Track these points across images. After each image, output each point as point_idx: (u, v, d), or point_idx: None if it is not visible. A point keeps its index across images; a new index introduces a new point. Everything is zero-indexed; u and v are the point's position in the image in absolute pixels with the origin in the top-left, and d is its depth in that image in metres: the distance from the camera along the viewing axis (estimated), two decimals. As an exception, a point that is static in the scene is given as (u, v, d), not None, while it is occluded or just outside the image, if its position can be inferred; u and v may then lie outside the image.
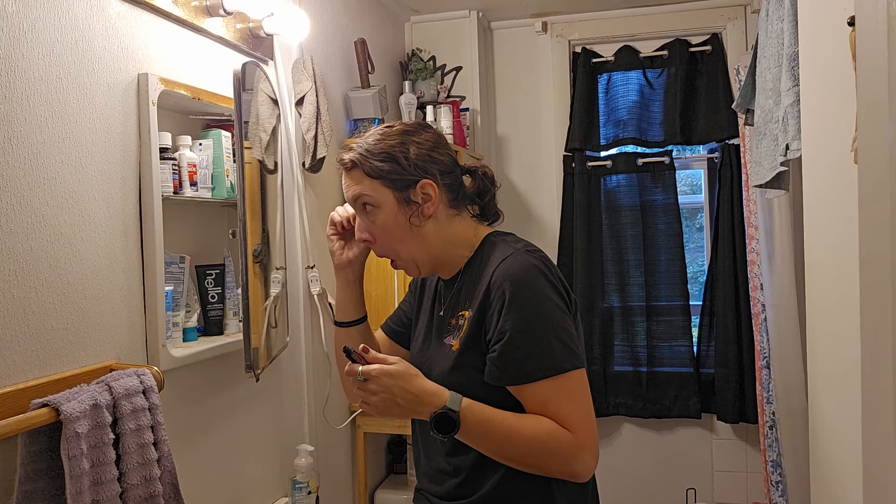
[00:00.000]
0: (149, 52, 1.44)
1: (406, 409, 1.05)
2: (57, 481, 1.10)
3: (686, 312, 3.05)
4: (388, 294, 2.32)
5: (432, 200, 1.13)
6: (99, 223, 1.30)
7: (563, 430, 1.02)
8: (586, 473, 1.04)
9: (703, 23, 3.02)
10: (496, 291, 1.06)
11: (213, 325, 1.66)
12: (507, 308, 1.04)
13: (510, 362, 1.04)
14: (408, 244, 1.15)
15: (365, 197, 1.14)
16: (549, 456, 1.03)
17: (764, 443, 2.52)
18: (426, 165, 1.14)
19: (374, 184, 1.13)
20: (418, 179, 1.12)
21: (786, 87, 1.69)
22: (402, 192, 1.12)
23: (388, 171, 1.12)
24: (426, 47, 3.04)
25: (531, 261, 1.08)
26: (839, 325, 1.25)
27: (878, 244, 0.64)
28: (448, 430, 1.02)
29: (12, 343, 1.11)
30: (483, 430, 1.04)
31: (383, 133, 1.16)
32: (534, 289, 1.06)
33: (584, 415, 1.04)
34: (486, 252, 1.15)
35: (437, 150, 1.16)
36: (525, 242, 1.16)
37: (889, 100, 0.61)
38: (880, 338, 0.64)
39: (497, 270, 1.08)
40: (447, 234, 1.17)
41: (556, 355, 1.03)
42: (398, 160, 1.12)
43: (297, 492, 1.91)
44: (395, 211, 1.13)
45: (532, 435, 1.02)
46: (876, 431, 0.66)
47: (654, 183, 3.08)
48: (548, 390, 1.03)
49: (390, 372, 1.04)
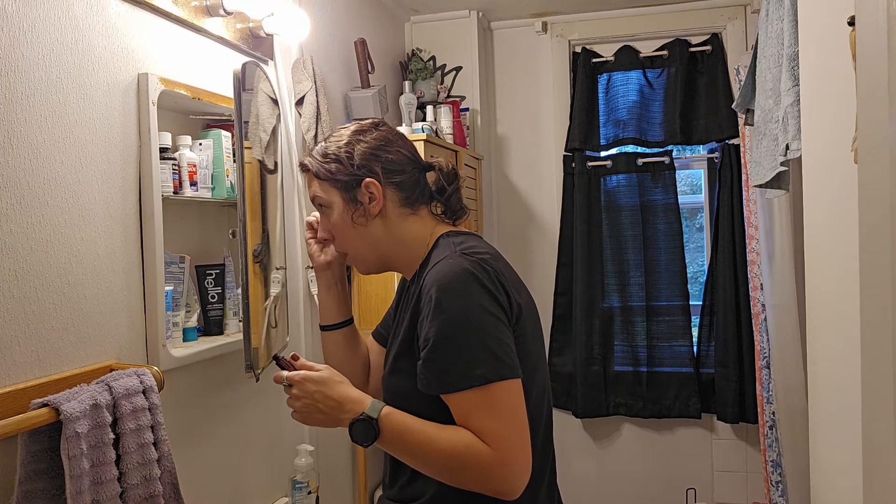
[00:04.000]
0: (149, 52, 1.44)
1: (328, 416, 1.04)
2: (57, 481, 1.10)
3: (686, 312, 3.05)
4: (388, 294, 2.32)
5: (377, 199, 1.14)
6: (99, 223, 1.30)
7: (482, 445, 0.97)
8: (510, 490, 0.98)
9: (703, 23, 3.02)
10: (426, 296, 1.03)
11: (213, 325, 1.66)
12: (433, 313, 1.00)
13: (433, 371, 1.00)
14: (354, 243, 1.18)
15: (318, 198, 1.18)
16: (464, 470, 0.98)
17: (764, 443, 2.52)
18: (370, 164, 1.14)
19: (323, 185, 1.17)
20: (362, 178, 1.14)
21: (786, 87, 1.69)
22: (347, 192, 1.15)
23: (334, 172, 1.15)
24: (426, 47, 3.04)
25: (464, 264, 1.03)
26: (839, 325, 1.25)
27: (878, 244, 0.64)
28: (366, 438, 1.01)
29: (12, 343, 1.11)
30: (401, 440, 1.01)
31: (337, 135, 1.19)
32: (460, 293, 1.00)
33: (508, 429, 0.97)
34: (433, 254, 1.12)
35: (385, 149, 1.16)
36: (471, 243, 1.11)
37: (889, 100, 0.61)
38: (880, 338, 0.64)
39: (429, 273, 1.05)
40: (398, 234, 1.16)
41: (480, 365, 0.98)
42: (342, 161, 1.14)
43: (297, 492, 1.91)
44: (343, 210, 1.16)
45: (448, 447, 0.98)
46: (876, 431, 0.66)
47: (654, 183, 3.08)
48: (470, 402, 0.98)
49: (313, 378, 1.05)
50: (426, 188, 1.20)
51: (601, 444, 3.19)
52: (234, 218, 1.56)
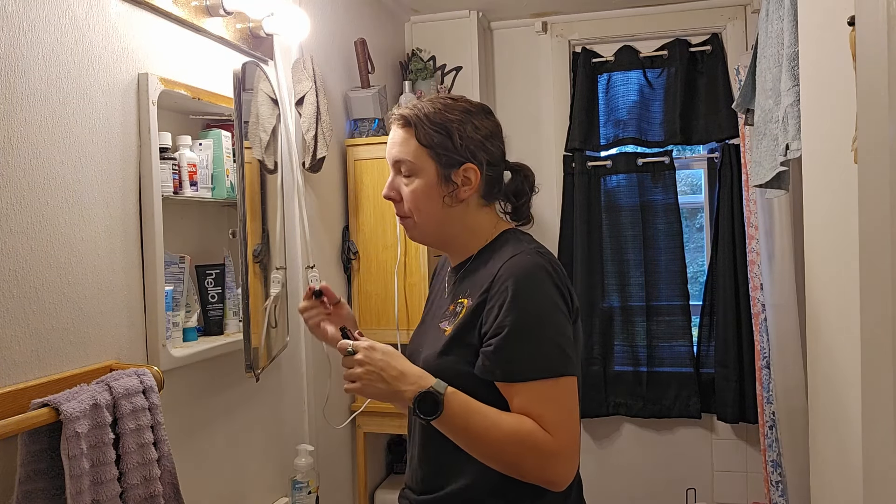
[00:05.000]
0: (149, 51, 1.44)
1: (389, 388, 1.03)
2: (57, 481, 1.10)
3: (686, 312, 3.05)
4: (388, 294, 2.32)
5: (471, 186, 1.13)
6: (99, 223, 1.30)
7: (544, 433, 1.00)
8: (561, 481, 1.02)
9: (703, 23, 3.02)
10: (500, 286, 1.05)
11: (213, 325, 1.66)
12: (510, 304, 1.03)
13: (504, 358, 1.03)
14: (431, 217, 1.14)
15: (408, 163, 1.13)
16: (525, 455, 1.00)
17: (764, 443, 2.52)
18: (476, 151, 1.13)
19: (420, 151, 1.12)
20: (464, 162, 1.12)
21: (786, 87, 1.69)
22: (445, 168, 1.12)
23: (439, 144, 1.11)
24: (426, 47, 3.04)
25: (540, 261, 1.07)
26: (839, 325, 1.25)
27: (878, 244, 0.64)
28: (431, 411, 1.01)
29: (12, 343, 1.11)
30: (464, 419, 1.02)
31: (445, 104, 1.14)
32: (539, 289, 1.05)
33: (568, 422, 1.02)
34: (499, 246, 1.15)
35: (491, 140, 1.15)
36: (538, 244, 1.15)
37: (889, 100, 0.61)
38: (880, 338, 0.64)
39: (505, 265, 1.07)
40: (470, 221, 1.17)
41: (551, 358, 1.02)
42: (452, 136, 1.11)
43: (297, 492, 1.91)
44: (433, 184, 1.12)
45: (511, 431, 1.00)
46: (876, 431, 0.66)
47: (654, 183, 3.08)
48: (535, 392, 1.02)
49: (379, 347, 1.06)
50: (503, 185, 1.21)
51: (601, 444, 3.19)
52: (234, 218, 1.56)
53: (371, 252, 2.34)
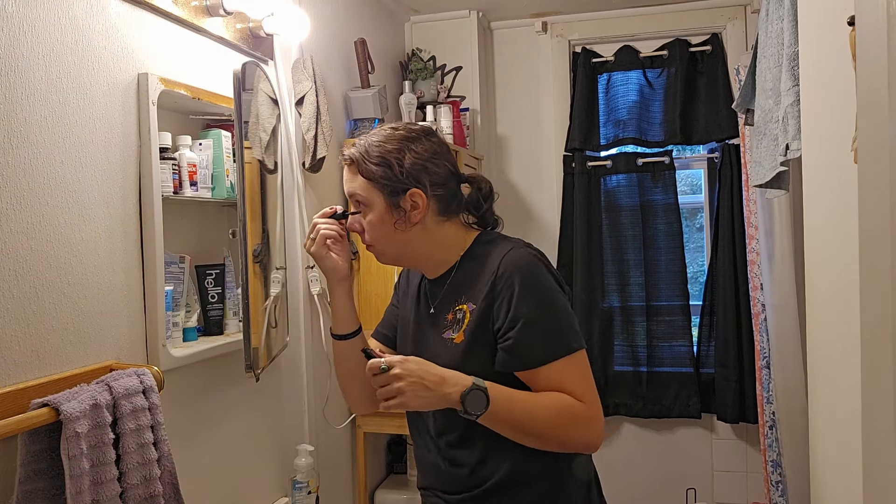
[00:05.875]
0: (149, 52, 1.44)
1: (433, 393, 1.06)
2: (57, 481, 1.10)
3: (686, 312, 3.05)
4: (387, 294, 2.32)
5: (419, 209, 1.16)
6: (99, 223, 1.30)
7: (579, 402, 1.09)
8: (598, 441, 1.12)
9: (703, 23, 3.02)
10: (504, 282, 1.11)
11: (213, 325, 1.66)
12: (519, 297, 1.09)
13: (526, 348, 1.09)
14: (390, 243, 1.20)
15: (358, 195, 1.19)
16: (570, 425, 1.09)
17: (764, 443, 2.52)
18: (419, 175, 1.16)
19: (366, 184, 1.17)
20: (409, 188, 1.15)
21: (786, 86, 1.69)
22: (391, 197, 1.16)
23: (381, 176, 1.16)
24: (426, 47, 3.04)
25: (532, 252, 1.16)
26: (839, 325, 1.25)
27: (878, 244, 0.64)
28: (479, 406, 1.06)
29: (12, 343, 1.11)
30: (508, 408, 1.08)
31: (386, 136, 1.19)
32: (540, 278, 1.12)
33: (591, 389, 1.11)
34: (483, 250, 1.20)
35: (434, 161, 1.18)
36: (518, 238, 1.22)
37: (889, 100, 0.61)
38: (880, 338, 0.64)
39: (503, 262, 1.13)
40: (434, 238, 1.20)
41: (566, 337, 1.11)
42: (392, 167, 1.15)
43: (297, 492, 1.91)
44: (383, 213, 1.17)
45: (553, 406, 1.08)
46: (876, 431, 0.66)
47: (654, 183, 3.08)
48: (561, 370, 1.09)
49: (412, 359, 1.09)
50: (462, 198, 1.24)
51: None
52: (234, 218, 1.56)
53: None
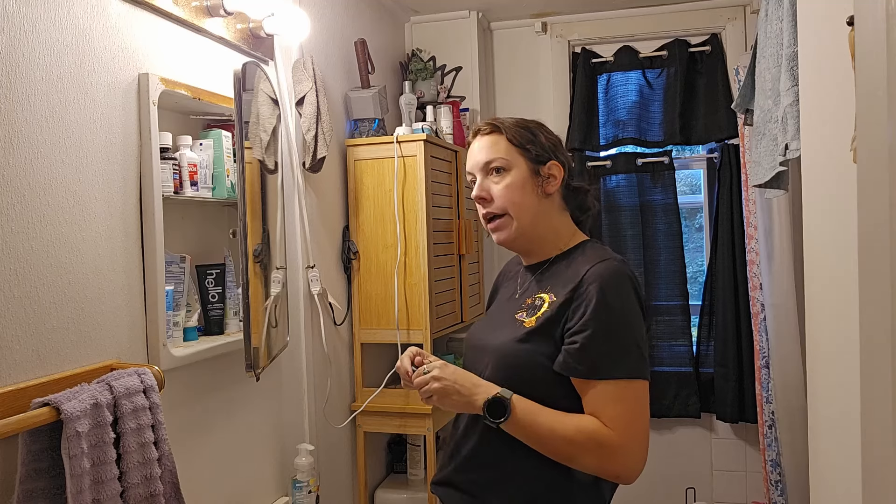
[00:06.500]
0: (149, 52, 1.45)
1: (463, 396, 1.14)
2: (57, 480, 1.11)
3: (685, 312, 3.05)
4: (388, 294, 2.32)
5: (556, 180, 1.25)
6: (99, 223, 1.30)
7: (607, 429, 1.08)
8: (627, 474, 1.11)
9: (702, 23, 3.02)
10: (589, 286, 1.13)
11: (214, 325, 1.66)
12: (597, 305, 1.11)
13: (588, 356, 1.10)
14: (524, 207, 1.23)
15: (499, 160, 1.24)
16: (588, 450, 1.09)
17: (763, 442, 2.53)
18: (557, 152, 1.27)
19: (511, 149, 1.24)
20: (550, 158, 1.25)
21: (785, 87, 1.69)
22: (534, 164, 1.24)
23: (528, 142, 1.24)
24: (426, 47, 3.04)
25: (624, 269, 1.17)
26: (839, 324, 1.26)
27: (877, 244, 0.65)
28: (500, 414, 1.10)
29: (13, 342, 1.12)
30: (530, 421, 1.11)
31: (518, 119, 1.28)
32: (624, 295, 1.14)
33: (634, 421, 1.09)
34: (578, 254, 1.24)
35: (562, 149, 1.29)
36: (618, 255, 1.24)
37: (889, 100, 0.61)
38: (880, 337, 0.64)
39: (593, 269, 1.16)
40: (552, 220, 1.26)
41: (631, 360, 1.11)
42: (537, 137, 1.25)
43: (297, 491, 1.91)
44: (525, 176, 1.23)
45: (575, 429, 1.09)
46: (876, 431, 0.66)
47: (654, 183, 3.08)
48: (611, 390, 1.10)
49: (449, 365, 1.18)
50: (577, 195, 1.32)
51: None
52: (235, 218, 1.56)
53: (371, 252, 2.34)
